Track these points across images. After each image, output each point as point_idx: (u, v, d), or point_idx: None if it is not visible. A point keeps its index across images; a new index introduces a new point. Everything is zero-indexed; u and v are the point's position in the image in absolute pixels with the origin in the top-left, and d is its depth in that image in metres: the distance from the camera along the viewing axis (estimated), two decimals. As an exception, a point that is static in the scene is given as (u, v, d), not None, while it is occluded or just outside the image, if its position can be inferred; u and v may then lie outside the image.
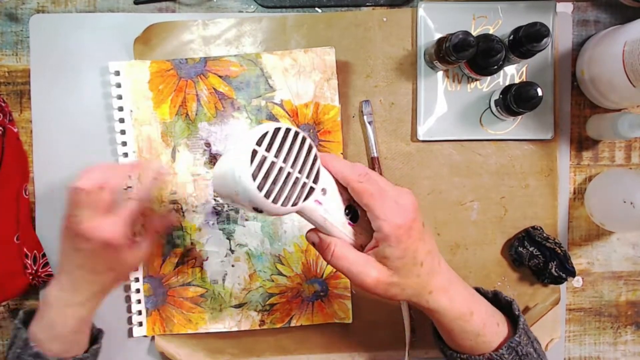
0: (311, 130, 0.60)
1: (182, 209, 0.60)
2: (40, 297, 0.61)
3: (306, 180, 0.39)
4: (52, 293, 0.48)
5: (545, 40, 0.53)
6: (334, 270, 0.60)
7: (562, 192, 0.64)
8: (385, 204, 0.39)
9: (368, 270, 0.40)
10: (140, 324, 0.60)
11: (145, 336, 0.61)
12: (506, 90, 0.58)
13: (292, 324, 0.61)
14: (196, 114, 0.59)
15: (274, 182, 0.37)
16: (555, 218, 0.63)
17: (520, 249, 0.61)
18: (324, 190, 0.41)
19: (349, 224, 0.42)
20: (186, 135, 0.59)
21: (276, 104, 0.60)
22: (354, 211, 0.42)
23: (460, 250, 0.63)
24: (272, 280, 0.61)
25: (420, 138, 0.61)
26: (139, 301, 0.60)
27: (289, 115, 0.60)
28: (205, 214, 0.60)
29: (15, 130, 0.60)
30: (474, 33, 0.60)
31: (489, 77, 0.61)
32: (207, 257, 0.60)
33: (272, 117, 0.60)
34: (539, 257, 0.60)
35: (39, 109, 0.60)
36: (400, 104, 0.62)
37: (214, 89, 0.59)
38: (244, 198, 0.36)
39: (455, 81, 0.62)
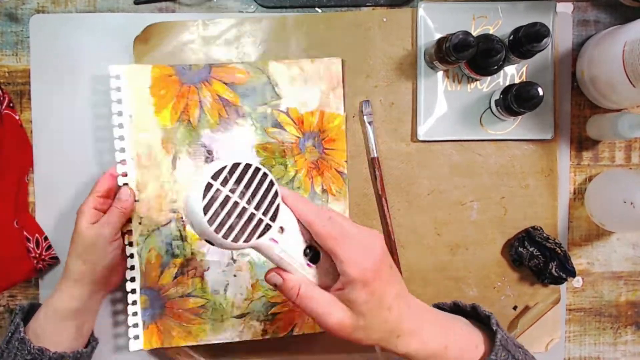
0: (315, 138, 0.60)
1: (182, 217, 0.58)
2: (40, 289, 0.61)
3: (262, 217, 0.38)
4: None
5: (545, 40, 0.53)
6: None
7: (562, 192, 0.64)
8: (349, 247, 0.38)
9: (332, 311, 0.39)
10: (137, 337, 0.58)
11: (142, 350, 0.59)
12: (507, 90, 0.58)
13: (295, 333, 0.60)
14: (198, 121, 0.58)
15: (227, 217, 0.36)
16: (555, 218, 0.63)
17: (520, 249, 0.61)
18: (281, 229, 0.40)
19: (308, 264, 0.41)
20: (187, 142, 0.58)
21: (282, 111, 0.59)
22: (315, 252, 0.41)
23: (460, 250, 0.63)
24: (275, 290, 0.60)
25: (420, 138, 0.61)
26: (135, 313, 0.58)
27: (294, 122, 0.60)
28: None
29: (17, 117, 0.60)
30: (474, 33, 0.60)
31: (489, 77, 0.61)
32: (208, 267, 0.59)
33: (277, 125, 0.59)
34: (539, 257, 0.60)
35: (39, 109, 0.60)
36: (400, 104, 0.62)
37: (218, 95, 0.58)
38: (197, 229, 0.36)
39: (455, 81, 0.62)
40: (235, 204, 0.37)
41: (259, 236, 0.38)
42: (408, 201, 0.62)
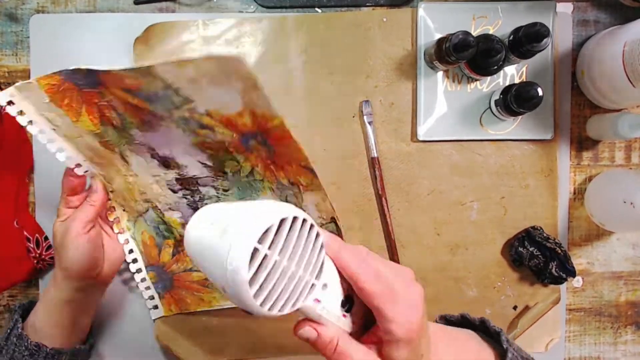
0: (258, 137, 0.48)
1: (157, 206, 0.57)
2: (41, 289, 0.61)
3: (309, 278, 0.33)
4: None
5: (545, 40, 0.53)
6: None
7: (562, 192, 0.64)
8: (397, 306, 0.35)
9: None
10: (156, 307, 0.61)
11: (164, 316, 0.62)
12: (506, 90, 0.58)
13: None
14: (122, 123, 0.49)
15: (275, 287, 0.31)
16: (555, 218, 0.63)
17: (520, 249, 0.61)
18: (325, 286, 0.35)
19: (343, 315, 0.37)
20: (124, 142, 0.51)
21: (202, 114, 0.47)
22: (351, 301, 0.37)
23: (460, 250, 0.63)
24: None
25: (420, 138, 0.61)
26: (148, 288, 0.61)
27: (223, 124, 0.47)
28: (181, 211, 0.57)
29: None
30: (474, 33, 0.60)
31: (489, 77, 0.61)
32: None
33: (204, 127, 0.48)
34: (539, 257, 0.60)
35: (39, 109, 0.60)
36: (400, 104, 0.62)
37: (125, 100, 0.47)
38: (232, 295, 0.31)
39: (455, 81, 0.62)
40: (283, 269, 0.31)
41: (304, 299, 0.33)
42: (408, 201, 0.62)
